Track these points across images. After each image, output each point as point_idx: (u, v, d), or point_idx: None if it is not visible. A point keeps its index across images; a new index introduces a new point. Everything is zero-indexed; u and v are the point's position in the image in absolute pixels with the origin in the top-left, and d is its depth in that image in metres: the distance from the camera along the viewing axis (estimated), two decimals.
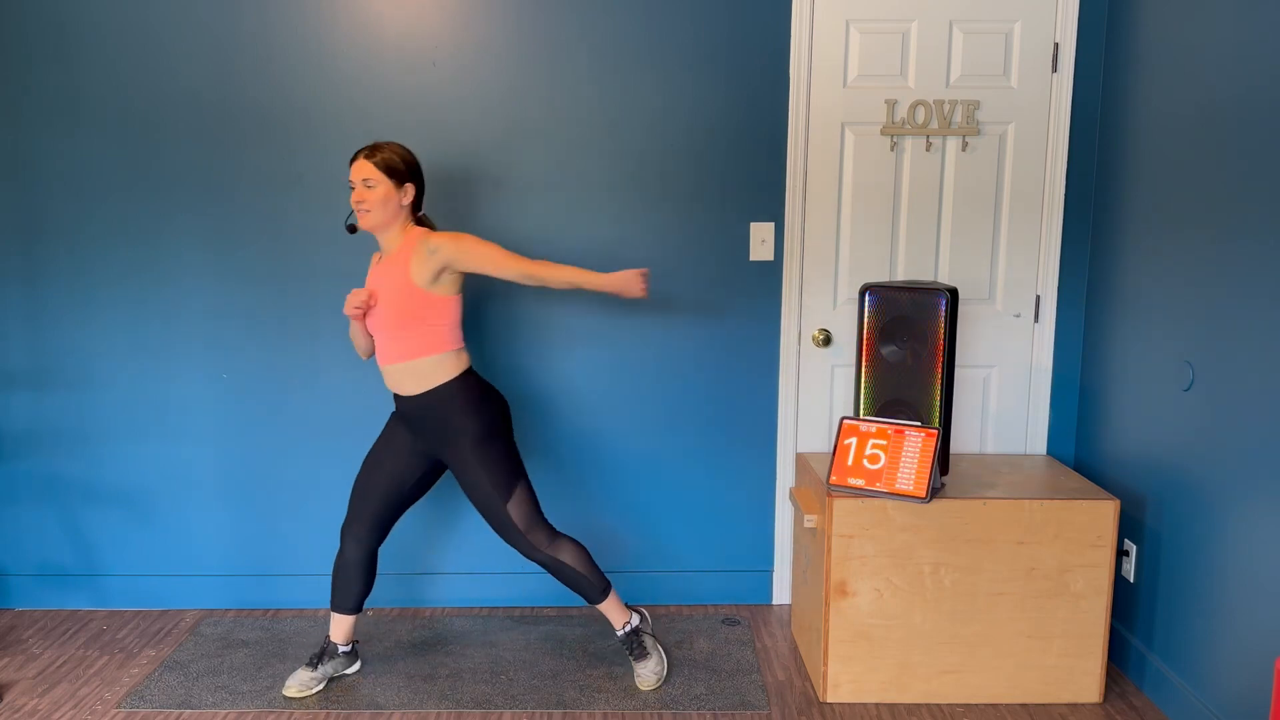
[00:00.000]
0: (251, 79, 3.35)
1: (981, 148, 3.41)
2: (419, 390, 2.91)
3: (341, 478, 3.57)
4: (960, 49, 3.35)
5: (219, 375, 3.51)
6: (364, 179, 2.83)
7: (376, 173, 2.84)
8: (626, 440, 3.58)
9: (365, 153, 2.86)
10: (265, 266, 3.45)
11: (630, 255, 3.46)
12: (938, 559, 2.93)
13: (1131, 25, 3.17)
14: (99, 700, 3.02)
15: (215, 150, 3.39)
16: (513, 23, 3.34)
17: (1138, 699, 3.03)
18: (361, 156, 2.86)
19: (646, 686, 3.07)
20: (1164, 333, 2.96)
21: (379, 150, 2.87)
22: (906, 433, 2.90)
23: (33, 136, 3.37)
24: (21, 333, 3.48)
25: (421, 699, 3.01)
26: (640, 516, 3.63)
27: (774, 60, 3.37)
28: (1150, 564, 3.04)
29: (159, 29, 3.32)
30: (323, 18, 3.32)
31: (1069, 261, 3.47)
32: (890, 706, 3.00)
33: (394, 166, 2.86)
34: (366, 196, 2.83)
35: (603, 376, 3.54)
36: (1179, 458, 2.88)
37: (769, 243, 3.46)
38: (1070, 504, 2.91)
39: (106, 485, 3.57)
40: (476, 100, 3.38)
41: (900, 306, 2.94)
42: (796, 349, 3.52)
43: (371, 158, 2.85)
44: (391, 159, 2.87)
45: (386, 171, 2.85)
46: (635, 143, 3.41)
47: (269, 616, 3.58)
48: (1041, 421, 3.56)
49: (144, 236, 3.43)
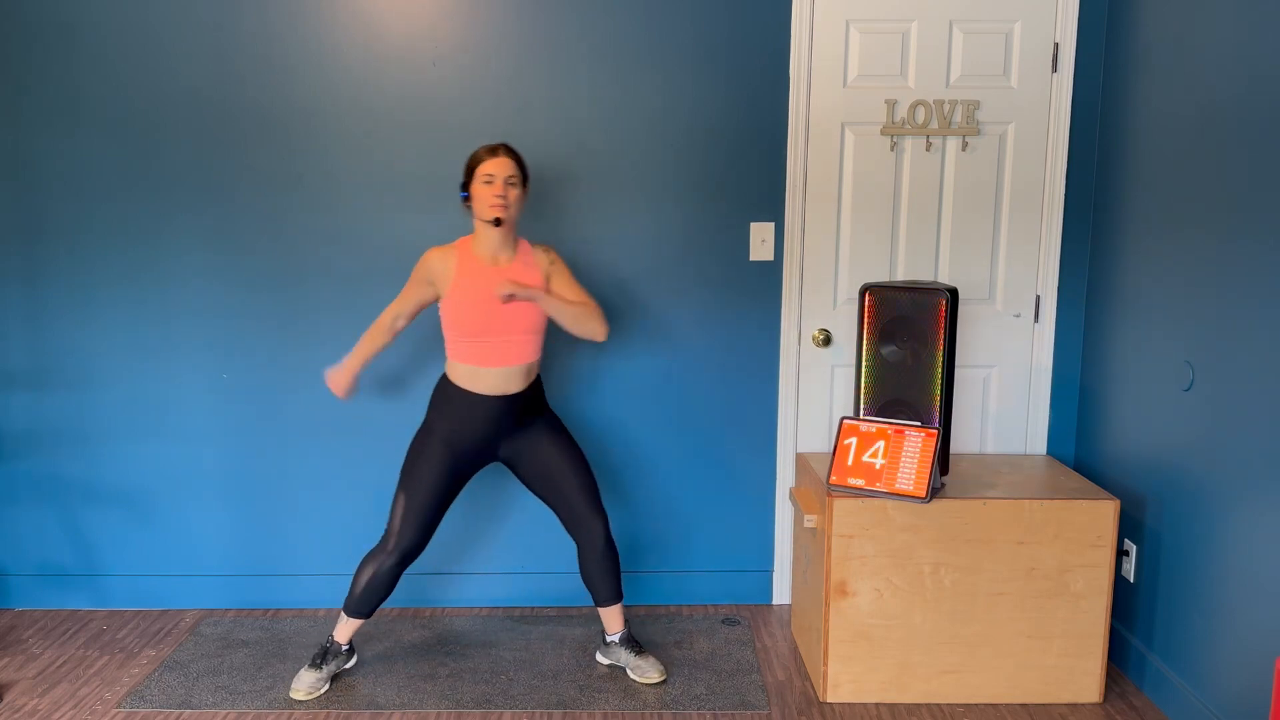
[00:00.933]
0: (252, 79, 3.35)
1: (981, 148, 3.41)
2: (526, 385, 2.99)
3: (341, 478, 3.57)
4: (960, 49, 3.35)
5: (219, 375, 3.51)
6: (509, 176, 2.84)
7: (519, 172, 2.87)
8: (626, 440, 3.58)
9: (506, 150, 2.87)
10: (265, 267, 3.45)
11: (630, 254, 3.46)
12: (938, 559, 2.93)
13: (1131, 25, 3.17)
14: (99, 700, 3.02)
15: (215, 150, 3.39)
16: (513, 23, 3.34)
17: (1138, 699, 3.03)
18: (504, 153, 2.86)
19: (657, 676, 3.08)
20: (1164, 333, 2.96)
21: (516, 151, 2.89)
22: (906, 433, 2.90)
23: (33, 136, 3.37)
24: (21, 333, 3.48)
25: (421, 699, 3.01)
26: (640, 516, 3.63)
27: (774, 60, 3.37)
28: (1150, 564, 3.04)
29: (159, 29, 3.32)
30: (323, 17, 3.32)
31: (1069, 261, 3.47)
32: (890, 706, 3.00)
33: (526, 169, 2.91)
34: (510, 194, 2.85)
35: (602, 377, 3.54)
36: (1179, 458, 2.88)
37: (769, 243, 3.46)
38: (1070, 504, 2.91)
39: (106, 485, 3.57)
40: (476, 100, 3.38)
41: (900, 306, 2.94)
42: (796, 349, 3.52)
43: (513, 156, 2.87)
44: (524, 162, 2.90)
45: (524, 174, 2.90)
46: (635, 142, 3.41)
47: (269, 616, 3.58)
48: (1041, 421, 3.56)
49: (144, 236, 3.43)
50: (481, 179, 2.85)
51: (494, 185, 2.83)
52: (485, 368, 2.91)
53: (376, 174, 3.41)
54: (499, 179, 2.83)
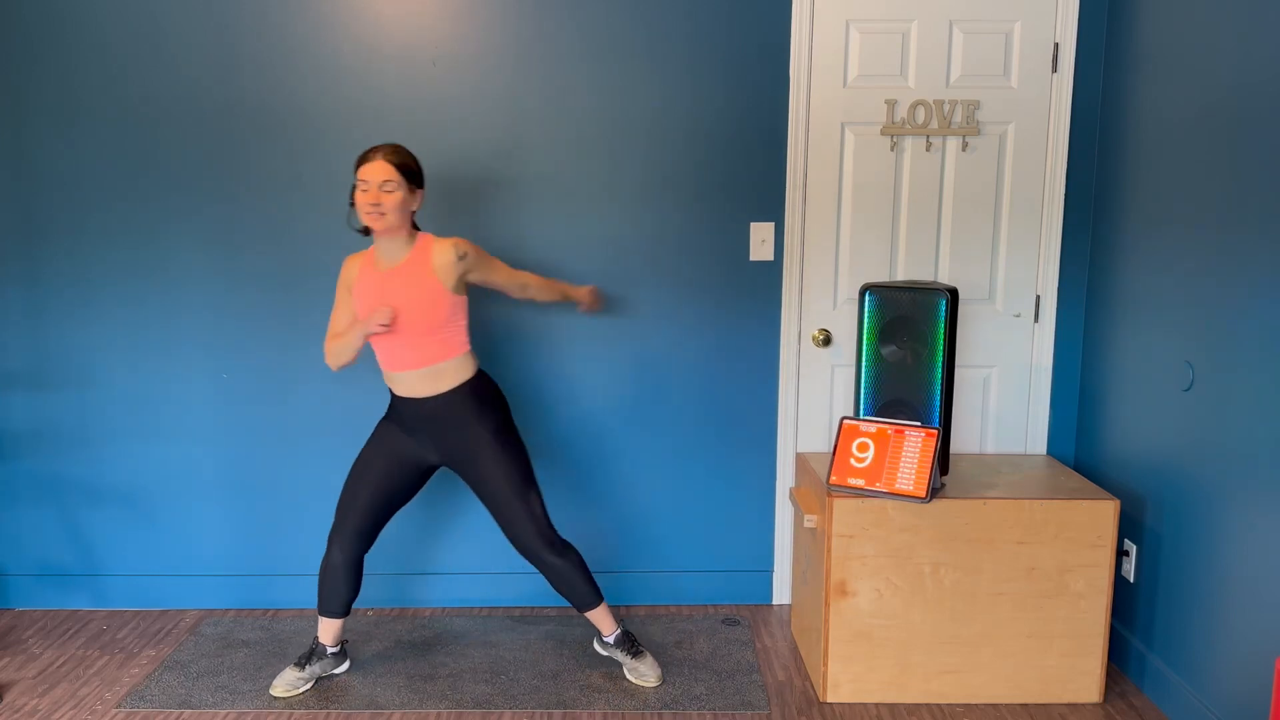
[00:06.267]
0: (252, 79, 3.35)
1: (981, 148, 3.41)
2: (436, 392, 2.87)
3: (341, 478, 3.57)
4: (960, 49, 3.35)
5: (219, 375, 3.51)
6: (383, 181, 2.72)
7: (397, 175, 2.74)
8: (626, 440, 3.58)
9: (384, 154, 2.75)
10: (266, 267, 3.45)
11: (631, 255, 3.46)
12: (938, 559, 2.93)
13: (1131, 25, 3.17)
14: (99, 700, 3.02)
15: (216, 150, 3.39)
16: (513, 23, 3.34)
17: (1138, 699, 3.03)
18: (379, 157, 2.74)
19: (654, 680, 3.07)
20: (1164, 333, 2.96)
21: (397, 152, 2.77)
22: (906, 433, 2.90)
23: (33, 137, 3.37)
24: (22, 333, 3.49)
25: (421, 699, 3.01)
26: (640, 516, 3.63)
27: (774, 60, 3.37)
28: (1150, 564, 3.04)
29: (159, 30, 3.32)
30: (323, 17, 3.32)
31: (1069, 261, 3.47)
32: (890, 706, 3.00)
33: (411, 170, 2.79)
34: (384, 199, 2.73)
35: (602, 377, 3.54)
36: (1179, 458, 2.88)
37: (769, 243, 3.46)
38: (1070, 504, 2.91)
39: (107, 485, 3.57)
40: (476, 100, 3.38)
41: (900, 306, 2.94)
42: (796, 349, 3.52)
43: (391, 159, 2.74)
44: (409, 162, 2.77)
45: (405, 175, 2.76)
46: (635, 142, 3.40)
47: (269, 616, 3.58)
48: (1041, 421, 3.56)
49: (144, 236, 3.43)
50: (359, 185, 2.75)
51: (369, 192, 2.73)
52: (391, 372, 2.88)
53: None
54: (373, 185, 2.73)
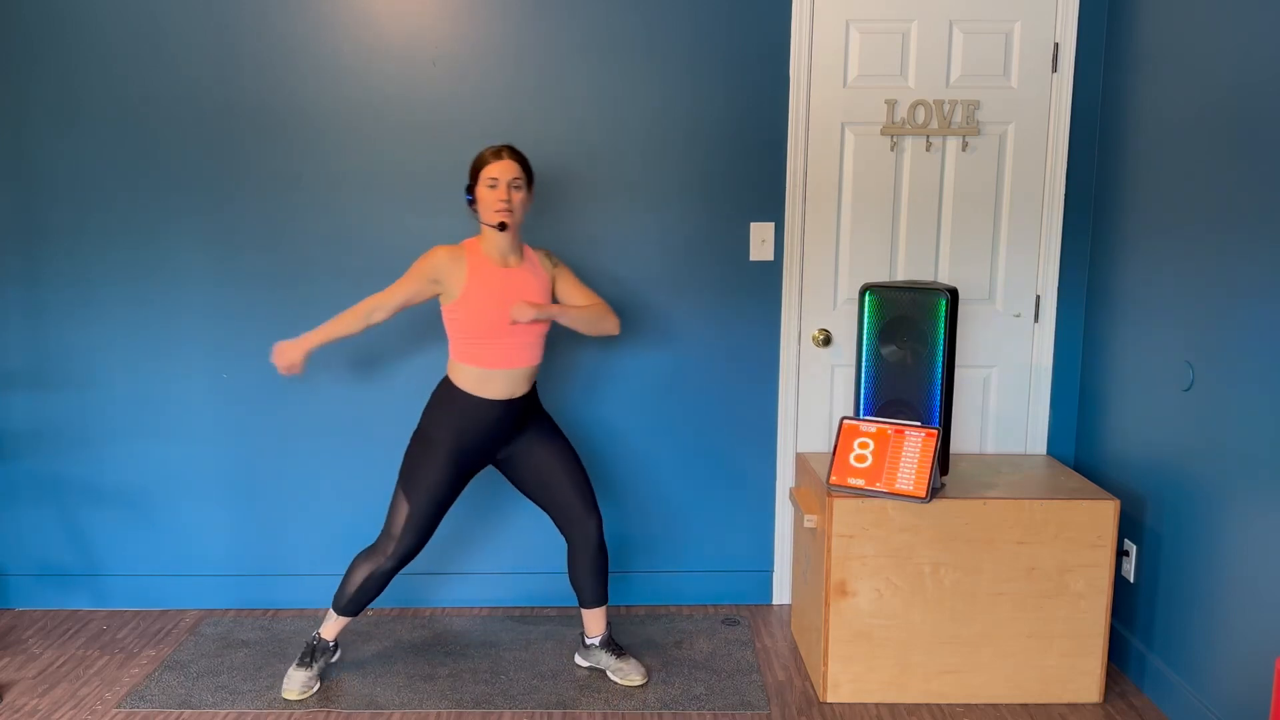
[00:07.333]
0: (252, 79, 3.35)
1: (981, 148, 3.41)
2: (529, 388, 2.99)
3: (341, 478, 3.57)
4: (960, 49, 3.35)
5: (219, 375, 3.51)
6: (513, 178, 2.82)
7: (523, 174, 2.85)
8: (626, 440, 3.58)
9: (510, 152, 2.84)
10: (266, 267, 3.45)
11: (630, 255, 3.46)
12: (938, 559, 2.93)
13: (1131, 25, 3.17)
14: (99, 700, 3.02)
15: (216, 150, 3.39)
16: (513, 23, 3.34)
17: (1138, 699, 3.03)
18: (507, 156, 2.83)
19: (639, 678, 3.08)
20: (1164, 333, 2.96)
21: (518, 152, 2.87)
22: (906, 433, 2.90)
23: (33, 137, 3.37)
24: (22, 333, 3.49)
25: (421, 699, 3.01)
26: (640, 516, 3.63)
27: (774, 60, 3.37)
28: (1150, 564, 3.04)
29: (160, 30, 3.32)
30: (323, 17, 3.32)
31: (1069, 261, 3.47)
32: (890, 706, 3.00)
33: (531, 172, 2.89)
34: (514, 197, 2.83)
35: (602, 377, 3.54)
36: (1179, 458, 2.88)
37: (769, 243, 3.46)
38: (1070, 504, 2.91)
39: (107, 485, 3.57)
40: (476, 100, 3.38)
41: (900, 306, 2.94)
42: (796, 349, 3.52)
43: (516, 158, 2.84)
44: (529, 164, 2.88)
45: (529, 176, 2.88)
46: (635, 143, 3.41)
47: (269, 616, 3.58)
48: (1041, 421, 3.56)
49: (144, 237, 3.43)
50: (486, 182, 2.83)
51: (498, 189, 2.81)
52: (495, 370, 2.88)
53: (377, 174, 3.41)
54: (503, 183, 2.81)
